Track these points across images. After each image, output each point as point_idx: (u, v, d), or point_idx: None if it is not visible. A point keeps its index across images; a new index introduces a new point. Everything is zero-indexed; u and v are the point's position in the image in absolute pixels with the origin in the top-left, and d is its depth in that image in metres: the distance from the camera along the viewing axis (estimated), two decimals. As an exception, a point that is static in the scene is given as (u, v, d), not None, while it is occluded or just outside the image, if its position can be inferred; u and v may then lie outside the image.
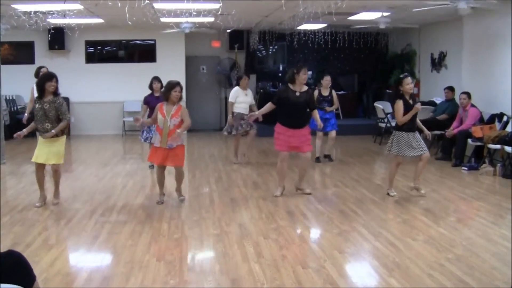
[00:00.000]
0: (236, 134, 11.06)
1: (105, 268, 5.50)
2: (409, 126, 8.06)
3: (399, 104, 7.99)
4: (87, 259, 5.79)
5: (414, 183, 8.39)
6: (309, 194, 8.44)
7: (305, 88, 8.22)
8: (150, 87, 10.46)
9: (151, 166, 10.46)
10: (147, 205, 7.93)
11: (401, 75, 8.33)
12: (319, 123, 8.60)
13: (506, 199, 8.20)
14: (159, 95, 9.60)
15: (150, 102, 10.10)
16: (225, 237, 6.36)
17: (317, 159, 11.22)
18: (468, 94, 11.03)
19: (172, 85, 7.73)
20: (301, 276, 5.10)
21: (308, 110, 8.32)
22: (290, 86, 8.17)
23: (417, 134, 8.16)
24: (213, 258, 5.73)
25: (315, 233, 6.84)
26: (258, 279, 5.03)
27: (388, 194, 8.35)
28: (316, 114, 8.49)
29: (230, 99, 11.04)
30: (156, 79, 10.49)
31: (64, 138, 7.90)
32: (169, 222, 7.00)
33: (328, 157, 11.47)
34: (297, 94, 8.12)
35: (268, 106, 8.36)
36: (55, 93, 7.70)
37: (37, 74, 10.19)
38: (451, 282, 4.92)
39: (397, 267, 5.32)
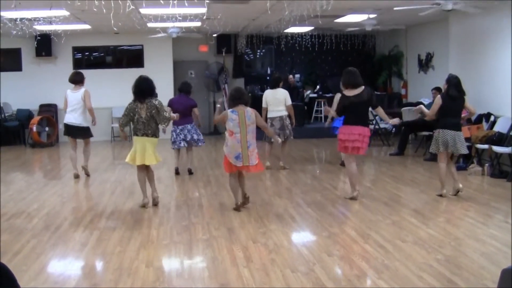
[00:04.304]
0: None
1: (93, 276, 5.47)
2: (453, 123, 8.20)
3: (437, 99, 8.37)
4: (75, 267, 5.75)
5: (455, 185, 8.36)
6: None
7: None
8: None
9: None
10: (136, 211, 7.90)
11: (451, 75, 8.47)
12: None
13: (495, 198, 8.25)
14: None
15: None
16: (214, 242, 6.35)
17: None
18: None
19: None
20: (290, 279, 5.09)
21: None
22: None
23: (460, 134, 8.19)
24: (202, 263, 5.71)
25: (304, 236, 6.83)
26: (247, 284, 5.01)
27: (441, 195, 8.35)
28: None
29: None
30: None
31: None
32: (158, 228, 6.98)
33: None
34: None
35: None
36: None
37: (78, 80, 10.30)
38: (440, 283, 4.93)
39: (387, 269, 5.33)
